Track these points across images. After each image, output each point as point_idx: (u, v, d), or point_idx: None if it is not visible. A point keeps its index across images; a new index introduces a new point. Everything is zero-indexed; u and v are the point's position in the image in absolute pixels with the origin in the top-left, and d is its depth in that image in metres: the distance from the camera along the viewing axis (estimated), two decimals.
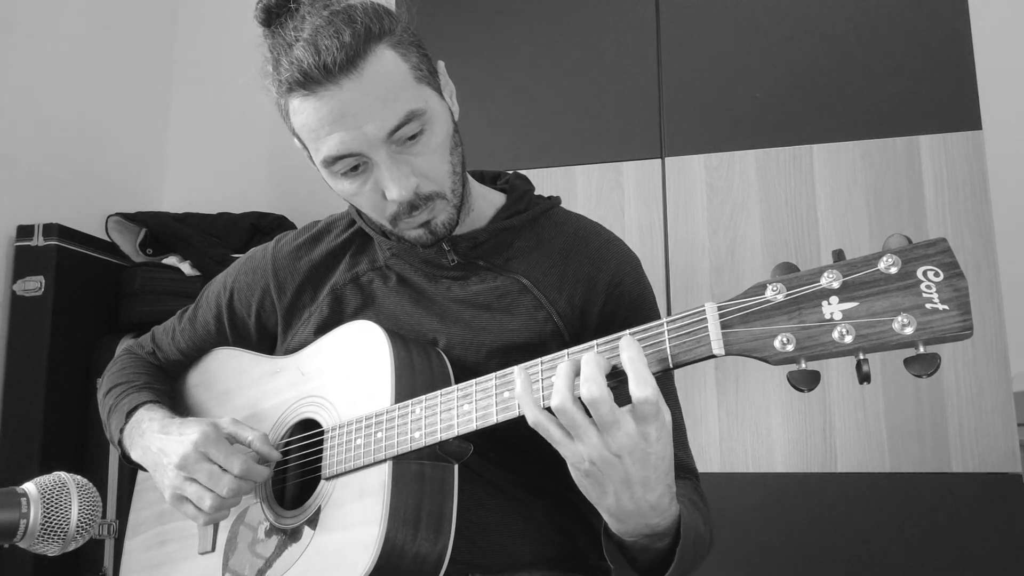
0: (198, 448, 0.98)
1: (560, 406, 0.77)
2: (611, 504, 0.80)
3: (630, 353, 0.76)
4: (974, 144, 1.80)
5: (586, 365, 0.77)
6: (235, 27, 2.60)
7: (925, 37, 1.87)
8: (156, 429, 1.06)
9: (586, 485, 0.81)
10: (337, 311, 1.11)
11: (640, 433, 0.76)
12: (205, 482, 0.98)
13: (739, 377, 1.84)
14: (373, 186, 0.97)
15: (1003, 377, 1.71)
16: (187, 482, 0.99)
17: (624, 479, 0.77)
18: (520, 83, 2.10)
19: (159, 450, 1.03)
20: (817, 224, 1.87)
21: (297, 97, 0.93)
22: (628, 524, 0.82)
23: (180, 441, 1.00)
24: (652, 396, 0.74)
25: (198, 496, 0.98)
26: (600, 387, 0.75)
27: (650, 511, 0.81)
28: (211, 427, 1.00)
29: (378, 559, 0.87)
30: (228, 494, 0.97)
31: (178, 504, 1.01)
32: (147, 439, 1.07)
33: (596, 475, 0.78)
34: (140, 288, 2.28)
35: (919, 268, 0.69)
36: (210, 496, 0.97)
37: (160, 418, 1.08)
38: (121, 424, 1.12)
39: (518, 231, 1.11)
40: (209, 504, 0.97)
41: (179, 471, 0.99)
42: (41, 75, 2.36)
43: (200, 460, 0.98)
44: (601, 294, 1.07)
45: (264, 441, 1.01)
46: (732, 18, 1.99)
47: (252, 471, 0.98)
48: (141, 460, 1.09)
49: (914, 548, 1.70)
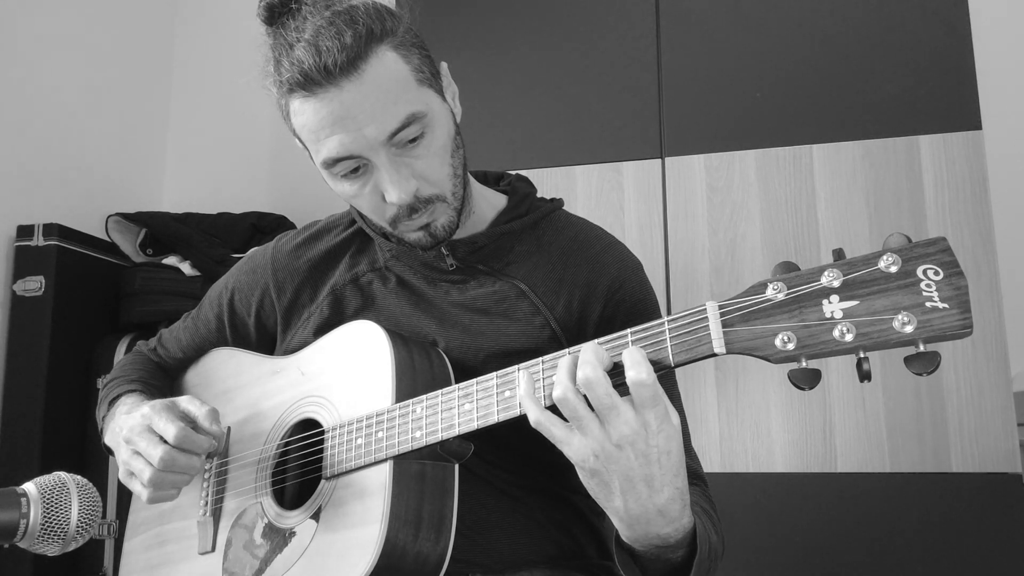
0: (144, 420, 0.98)
1: (562, 396, 0.77)
2: (618, 506, 0.79)
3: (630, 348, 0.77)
4: (974, 144, 1.80)
5: (584, 353, 0.77)
6: (235, 27, 2.60)
7: (925, 37, 1.87)
8: (124, 411, 1.07)
9: (593, 486, 0.80)
10: (337, 311, 1.11)
11: (640, 422, 0.75)
12: (143, 452, 0.97)
13: (739, 377, 1.84)
14: (373, 188, 0.97)
15: (1003, 377, 1.71)
16: (133, 456, 0.99)
17: (627, 475, 0.76)
18: (520, 83, 2.10)
19: (118, 427, 1.04)
20: (817, 224, 1.87)
21: (298, 98, 0.93)
22: (637, 530, 0.81)
23: (132, 416, 1.01)
24: (647, 378, 0.74)
25: (139, 469, 0.97)
26: (595, 369, 0.75)
27: (657, 516, 0.79)
28: (164, 402, 1.01)
29: (379, 559, 0.87)
30: (160, 465, 0.95)
31: (128, 481, 1.01)
32: (117, 420, 1.07)
33: (601, 472, 0.78)
34: (140, 288, 2.28)
35: (919, 267, 0.69)
36: (149, 468, 0.96)
37: (133, 402, 1.10)
38: (103, 413, 1.15)
39: (518, 235, 1.10)
40: (148, 476, 0.96)
41: (127, 445, 0.99)
42: (41, 75, 2.36)
43: (144, 431, 0.98)
44: (600, 299, 1.07)
45: (209, 417, 1.00)
46: (732, 18, 2.00)
47: (188, 440, 0.96)
48: (109, 443, 1.10)
49: (914, 548, 1.70)
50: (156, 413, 0.98)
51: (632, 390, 0.75)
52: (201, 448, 0.98)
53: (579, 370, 0.76)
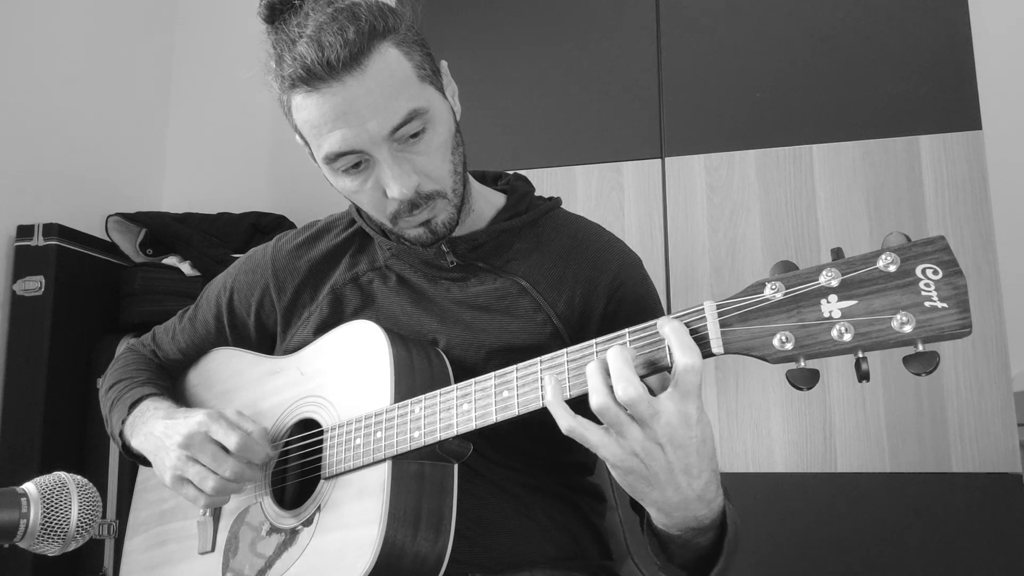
0: (201, 428, 0.98)
1: (603, 405, 0.75)
2: (656, 498, 0.79)
3: (672, 326, 0.75)
4: (974, 144, 1.80)
5: (615, 361, 0.75)
6: (235, 27, 2.60)
7: (925, 37, 1.87)
8: (161, 415, 1.07)
9: (630, 482, 0.79)
10: (337, 311, 1.11)
11: (681, 417, 0.74)
12: (208, 462, 0.97)
13: (739, 377, 1.84)
14: (374, 184, 0.97)
15: (1003, 377, 1.71)
16: (189, 462, 0.99)
17: (667, 468, 0.76)
18: (520, 83, 2.10)
19: (162, 432, 1.03)
20: (817, 224, 1.87)
21: (300, 93, 0.93)
22: (675, 517, 0.81)
23: (185, 423, 1.01)
24: (697, 363, 0.72)
25: (200, 477, 0.98)
26: (636, 386, 0.73)
27: (696, 501, 0.79)
28: (215, 411, 1.01)
29: (377, 559, 0.87)
30: (231, 476, 0.96)
31: (179, 486, 1.01)
32: (150, 425, 1.07)
33: (639, 470, 0.77)
34: (140, 288, 2.28)
35: (918, 266, 0.69)
36: (213, 477, 0.97)
37: (166, 407, 1.09)
38: (124, 416, 1.13)
39: (518, 233, 1.10)
40: (211, 485, 0.97)
41: (182, 450, 0.99)
42: (41, 75, 2.36)
43: (205, 440, 0.98)
44: (602, 296, 1.07)
45: (263, 435, 1.01)
46: (732, 18, 1.99)
47: (250, 448, 0.97)
48: (141, 447, 1.09)
49: (914, 548, 1.70)
50: (213, 421, 0.99)
51: (680, 375, 0.73)
52: (259, 458, 0.99)
53: (617, 387, 0.74)
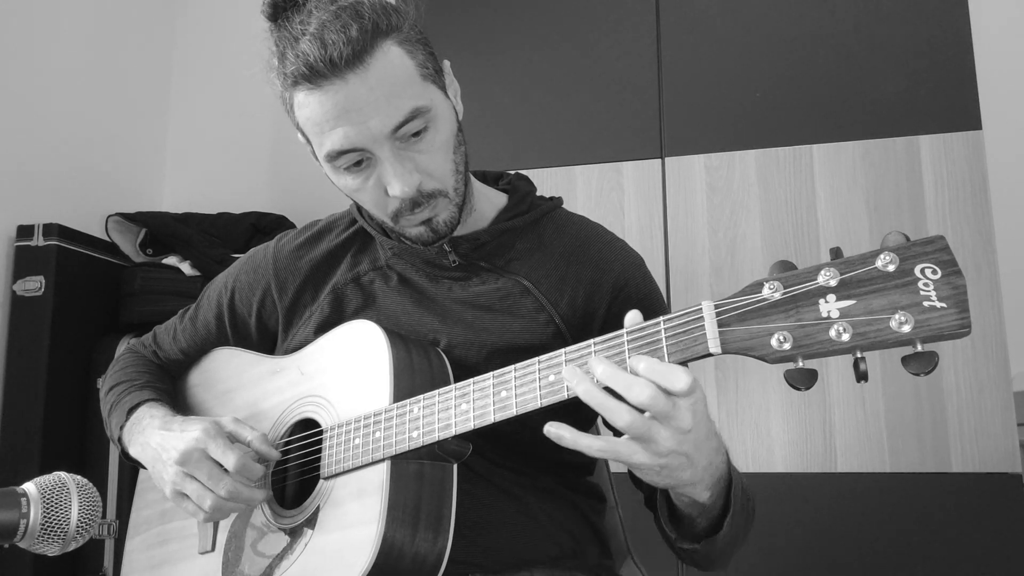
0: (199, 445, 0.98)
1: (631, 423, 0.75)
2: (688, 477, 0.81)
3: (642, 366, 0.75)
4: (974, 144, 1.80)
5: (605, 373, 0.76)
6: (235, 27, 2.60)
7: (925, 37, 1.87)
8: (157, 426, 1.06)
9: (664, 476, 0.80)
10: (338, 310, 1.11)
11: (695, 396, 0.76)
12: (205, 481, 0.98)
13: (739, 377, 1.84)
14: (376, 182, 0.97)
15: (1003, 377, 1.71)
16: (187, 479, 0.99)
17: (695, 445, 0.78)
18: (521, 83, 2.10)
19: (159, 445, 1.03)
20: (817, 224, 1.86)
21: (302, 90, 0.93)
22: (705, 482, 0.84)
23: (181, 438, 1.00)
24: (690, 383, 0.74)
25: (199, 495, 0.98)
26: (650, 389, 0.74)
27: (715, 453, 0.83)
28: (212, 424, 1.01)
29: (376, 559, 0.87)
30: (226, 495, 0.97)
31: (178, 500, 1.02)
32: (147, 435, 1.07)
33: (672, 464, 0.78)
34: (140, 288, 2.29)
35: (917, 266, 0.68)
36: (210, 496, 0.98)
37: (161, 415, 1.09)
38: (122, 421, 1.12)
39: (520, 232, 1.10)
40: (209, 504, 0.98)
41: (179, 467, 0.99)
42: (41, 75, 2.36)
43: (201, 458, 0.98)
44: (606, 296, 1.07)
45: (263, 441, 1.01)
46: (732, 18, 1.99)
47: (248, 468, 0.98)
48: (139, 456, 1.09)
49: (914, 548, 1.70)
50: (211, 438, 0.99)
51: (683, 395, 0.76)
52: (257, 476, 0.99)
53: (629, 396, 0.74)
